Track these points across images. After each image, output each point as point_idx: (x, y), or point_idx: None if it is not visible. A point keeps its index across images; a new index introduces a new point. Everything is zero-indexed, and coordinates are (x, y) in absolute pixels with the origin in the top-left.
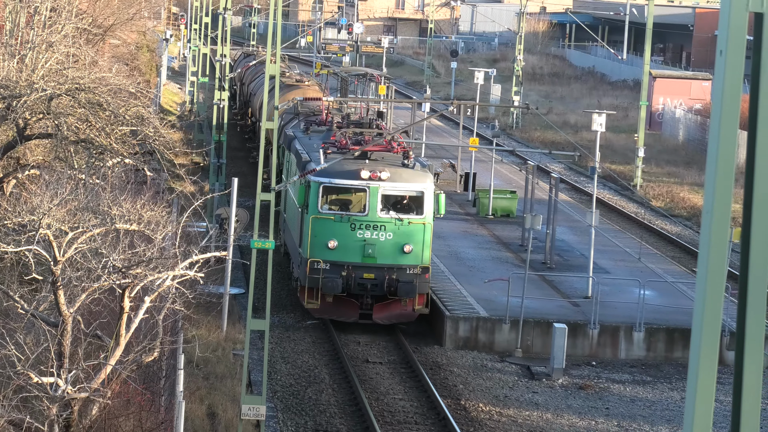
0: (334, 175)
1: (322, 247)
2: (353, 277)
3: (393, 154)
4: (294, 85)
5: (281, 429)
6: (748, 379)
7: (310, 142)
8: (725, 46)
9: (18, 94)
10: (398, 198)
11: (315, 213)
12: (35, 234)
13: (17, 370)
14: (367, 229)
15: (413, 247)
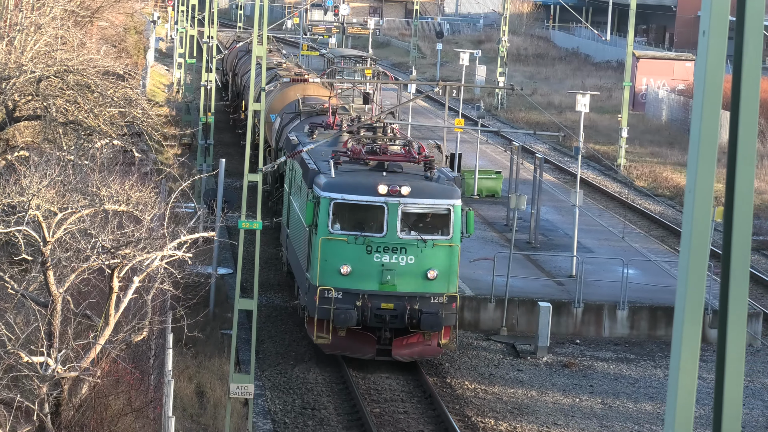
0: (347, 189)
1: (333, 272)
2: (369, 308)
3: (413, 165)
4: (294, 79)
5: (269, 407)
6: (730, 357)
7: (316, 148)
8: (708, 27)
9: (7, 76)
10: (421, 216)
11: (325, 234)
12: (25, 215)
13: (7, 349)
14: (386, 252)
15: (438, 273)
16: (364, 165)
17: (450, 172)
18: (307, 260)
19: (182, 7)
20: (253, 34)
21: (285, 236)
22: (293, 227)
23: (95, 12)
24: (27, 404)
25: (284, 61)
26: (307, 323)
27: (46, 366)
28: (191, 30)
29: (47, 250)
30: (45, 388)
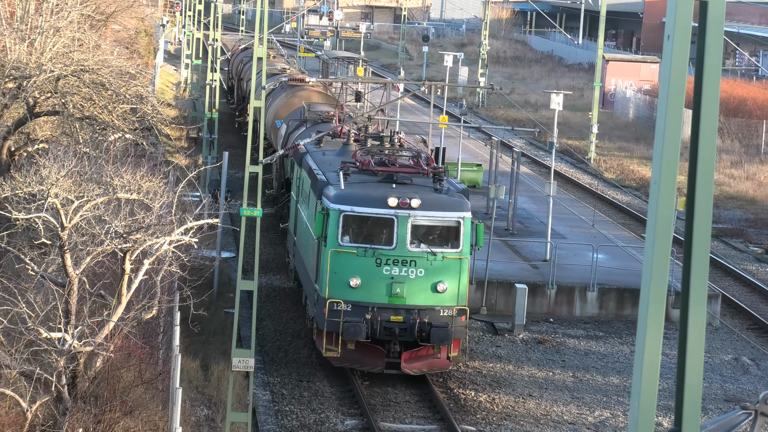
0: (357, 202)
1: (342, 285)
2: (379, 321)
3: (422, 177)
4: (298, 86)
5: (268, 380)
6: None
7: (324, 158)
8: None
9: (28, 75)
10: (431, 229)
11: (334, 246)
12: (44, 202)
13: (28, 326)
14: (395, 265)
15: (448, 286)
16: (372, 176)
17: (459, 183)
18: (316, 271)
19: (189, 12)
20: (255, 37)
21: (292, 244)
22: (301, 236)
23: (109, 16)
24: (46, 376)
25: (288, 67)
26: (316, 335)
27: (64, 341)
28: (197, 33)
29: (65, 235)
30: (62, 361)
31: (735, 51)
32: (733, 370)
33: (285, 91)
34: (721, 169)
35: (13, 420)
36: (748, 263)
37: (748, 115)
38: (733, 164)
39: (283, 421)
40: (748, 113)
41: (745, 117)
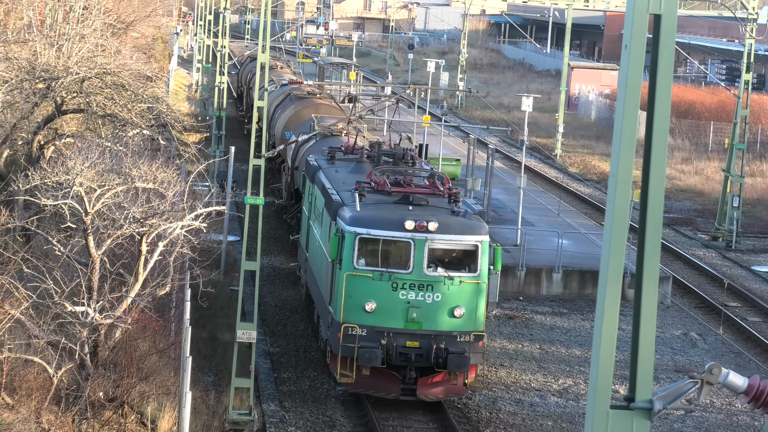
0: (373, 224)
1: (357, 309)
2: (394, 346)
3: (438, 198)
4: (306, 98)
5: (269, 349)
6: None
7: (337, 175)
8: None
9: (56, 76)
10: (448, 252)
11: (350, 269)
12: (70, 191)
13: (55, 300)
14: (411, 289)
15: (465, 311)
16: (388, 196)
17: (474, 204)
18: (330, 293)
19: (200, 21)
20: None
21: (303, 259)
22: (313, 253)
23: (129, 25)
24: (70, 345)
25: (296, 78)
26: (330, 359)
27: (86, 314)
28: (207, 40)
29: (88, 220)
30: (85, 332)
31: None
32: (682, 344)
33: (294, 103)
34: (673, 164)
35: (41, 384)
36: (696, 249)
37: (697, 117)
38: (684, 160)
39: (281, 387)
40: (697, 115)
41: (694, 119)
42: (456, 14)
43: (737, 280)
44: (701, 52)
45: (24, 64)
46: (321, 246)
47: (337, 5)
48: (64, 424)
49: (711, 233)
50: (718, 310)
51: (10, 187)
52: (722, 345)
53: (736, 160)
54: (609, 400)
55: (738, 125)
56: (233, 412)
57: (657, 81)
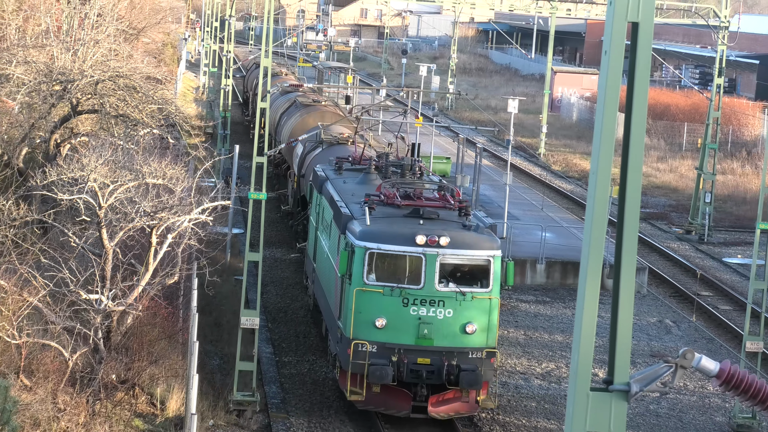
0: (384, 239)
1: (368, 325)
2: (405, 363)
3: (448, 211)
4: (311, 105)
5: (271, 335)
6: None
7: (345, 186)
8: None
9: (72, 79)
10: (459, 268)
11: (360, 285)
12: (85, 186)
13: (70, 289)
14: (423, 305)
15: (477, 327)
16: (397, 209)
17: (485, 217)
18: (339, 308)
19: (207, 28)
20: (262, 50)
21: (311, 269)
22: (321, 265)
23: (140, 31)
24: (85, 331)
25: (301, 84)
26: (340, 375)
27: (100, 302)
28: (213, 46)
29: (101, 213)
30: (99, 318)
31: (661, 65)
32: (658, 330)
33: (299, 110)
34: (649, 163)
35: (57, 367)
36: (671, 241)
37: (672, 118)
38: (659, 159)
39: (282, 370)
40: (672, 117)
41: (669, 120)
42: (446, 22)
43: (709, 271)
44: (676, 57)
45: (42, 67)
46: (329, 258)
47: (336, 13)
48: (78, 404)
49: (684, 227)
50: (691, 299)
51: (29, 183)
52: (695, 331)
53: (709, 158)
54: (589, 383)
55: (710, 126)
56: (237, 394)
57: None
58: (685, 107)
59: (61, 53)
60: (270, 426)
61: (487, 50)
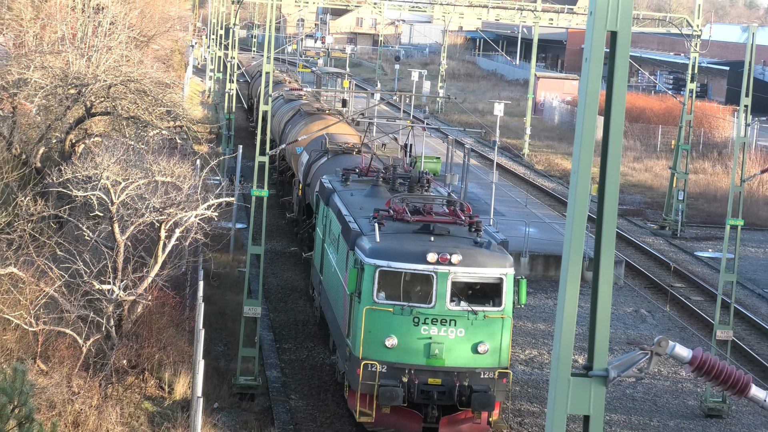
0: (394, 256)
1: (377, 345)
2: (416, 384)
3: (459, 227)
4: (315, 114)
5: (272, 324)
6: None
7: (353, 199)
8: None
9: (86, 83)
10: (471, 286)
11: (369, 303)
12: (98, 183)
13: (84, 279)
14: (434, 324)
15: (489, 347)
16: (406, 224)
17: (496, 233)
18: (348, 326)
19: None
20: (264, 56)
21: (317, 281)
22: (328, 278)
23: (150, 38)
24: (98, 319)
25: (304, 93)
26: (348, 395)
27: (112, 292)
28: (219, 52)
29: (114, 209)
30: (111, 307)
31: (638, 71)
32: (634, 319)
33: (304, 119)
34: (626, 162)
35: (71, 353)
36: (646, 236)
37: (647, 121)
38: (635, 159)
39: (283, 356)
40: (647, 120)
41: (645, 123)
42: (437, 30)
43: (682, 264)
44: (651, 64)
45: (58, 72)
46: (337, 272)
47: (333, 22)
48: (91, 387)
49: (659, 223)
50: (665, 291)
51: (46, 180)
52: (669, 321)
53: (682, 159)
54: (570, 369)
55: (683, 128)
56: (240, 378)
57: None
58: (660, 111)
59: (76, 59)
60: (271, 408)
61: (474, 57)
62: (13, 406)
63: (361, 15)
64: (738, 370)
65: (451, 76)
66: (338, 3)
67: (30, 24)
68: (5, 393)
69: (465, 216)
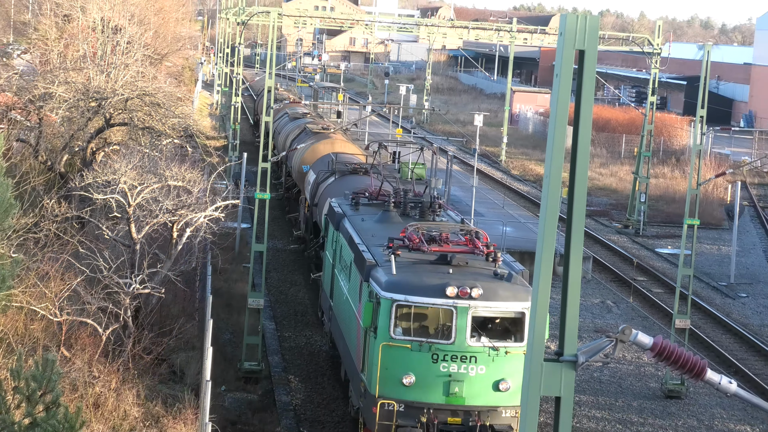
0: (411, 290)
1: (395, 382)
2: (435, 424)
3: (476, 256)
4: (321, 133)
5: (273, 314)
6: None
7: (364, 225)
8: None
9: (105, 97)
10: (492, 320)
11: (386, 339)
12: (116, 187)
13: (104, 274)
14: (453, 361)
15: (511, 384)
16: (423, 254)
17: (514, 262)
18: (363, 361)
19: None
20: (266, 72)
21: (327, 306)
22: (339, 305)
23: (163, 56)
24: (116, 310)
25: (309, 111)
26: None
27: (129, 285)
28: (225, 68)
29: (130, 210)
30: (128, 299)
31: (603, 85)
32: (600, 310)
33: (310, 137)
34: (593, 168)
35: (92, 341)
36: (611, 235)
37: (612, 130)
38: (602, 165)
39: (283, 344)
40: (612, 129)
41: (610, 132)
42: (422, 49)
43: (644, 259)
44: (616, 79)
45: (80, 87)
46: (349, 301)
47: (328, 41)
48: (110, 372)
49: (623, 222)
50: (629, 283)
51: (69, 185)
52: (632, 311)
53: (643, 164)
54: (543, 354)
55: (645, 137)
56: (245, 363)
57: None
58: (624, 121)
59: (96, 75)
60: (273, 391)
61: (456, 73)
62: (42, 392)
63: (354, 35)
64: (695, 355)
65: (435, 90)
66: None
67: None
68: (36, 380)
69: (482, 245)
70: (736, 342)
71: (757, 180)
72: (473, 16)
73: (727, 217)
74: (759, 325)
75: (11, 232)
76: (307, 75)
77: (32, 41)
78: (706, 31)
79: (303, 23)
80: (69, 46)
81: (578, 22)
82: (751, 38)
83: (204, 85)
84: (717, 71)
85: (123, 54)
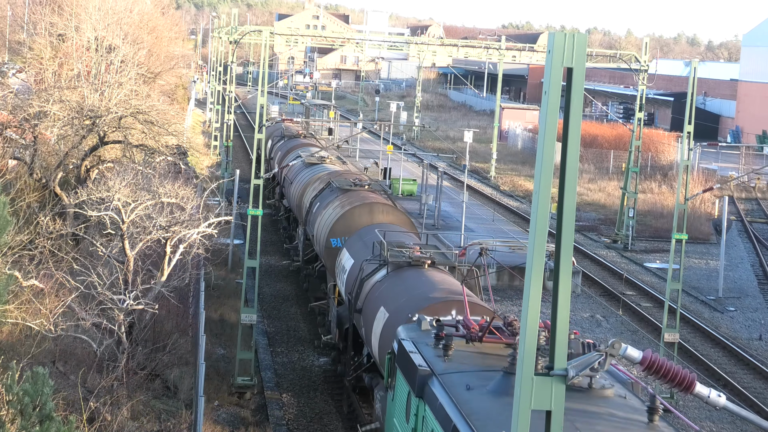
0: None
1: None
2: None
3: None
4: (352, 190)
5: (266, 329)
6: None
7: (472, 399)
8: (548, 89)
9: (99, 115)
10: None
11: None
12: (110, 204)
13: (98, 290)
14: None
15: None
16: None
17: None
18: None
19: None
20: (258, 90)
21: None
22: None
23: (157, 75)
24: (110, 326)
25: (328, 156)
26: None
27: (123, 301)
28: (218, 87)
29: (124, 227)
30: (122, 315)
31: (591, 102)
32: (590, 324)
33: (338, 198)
34: (582, 183)
35: (86, 356)
36: (600, 249)
37: (600, 146)
38: (590, 180)
39: (276, 359)
40: (600, 145)
41: (598, 148)
42: (412, 66)
43: (633, 274)
44: (603, 95)
45: (74, 105)
46: None
47: (320, 59)
48: (104, 387)
49: (612, 237)
50: (618, 298)
51: (63, 202)
52: (621, 325)
53: (631, 180)
54: (533, 368)
55: (632, 153)
56: (238, 378)
57: (569, 118)
58: (612, 137)
59: (90, 93)
60: (266, 405)
61: (446, 90)
62: (35, 406)
63: (345, 53)
64: (684, 369)
65: (425, 107)
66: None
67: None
68: (28, 394)
69: None
70: (724, 355)
71: (744, 195)
72: (462, 34)
73: (714, 231)
74: (747, 338)
75: (6, 249)
76: (298, 93)
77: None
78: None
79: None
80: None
81: (566, 40)
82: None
83: (197, 103)
84: (704, 87)
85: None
